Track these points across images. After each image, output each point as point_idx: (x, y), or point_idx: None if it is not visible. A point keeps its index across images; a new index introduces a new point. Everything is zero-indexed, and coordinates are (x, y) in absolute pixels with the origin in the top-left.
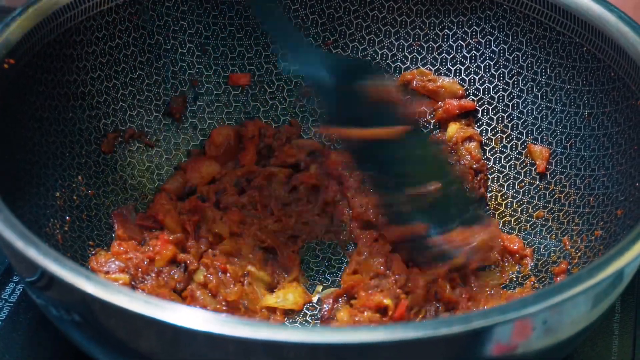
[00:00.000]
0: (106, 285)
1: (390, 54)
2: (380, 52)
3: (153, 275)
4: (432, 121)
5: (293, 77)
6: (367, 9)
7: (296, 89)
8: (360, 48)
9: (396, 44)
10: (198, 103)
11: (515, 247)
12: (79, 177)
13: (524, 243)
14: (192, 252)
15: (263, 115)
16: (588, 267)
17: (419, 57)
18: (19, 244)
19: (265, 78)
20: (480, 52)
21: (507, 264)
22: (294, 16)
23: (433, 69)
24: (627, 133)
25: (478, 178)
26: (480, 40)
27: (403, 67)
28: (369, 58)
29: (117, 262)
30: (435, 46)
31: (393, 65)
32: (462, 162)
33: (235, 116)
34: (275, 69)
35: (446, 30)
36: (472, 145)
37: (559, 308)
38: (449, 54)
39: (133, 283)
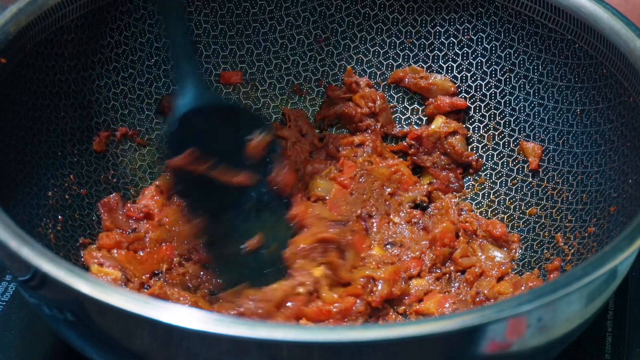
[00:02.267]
0: (100, 284)
1: (382, 52)
2: (372, 50)
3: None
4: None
5: (285, 75)
6: (359, 6)
7: (288, 87)
8: (352, 46)
9: (388, 41)
10: None
11: (497, 232)
12: (71, 176)
13: (508, 230)
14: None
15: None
16: (582, 264)
17: (411, 55)
18: (12, 244)
19: (257, 76)
20: (472, 49)
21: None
22: (286, 13)
23: (425, 66)
24: (619, 130)
25: (458, 171)
26: (472, 37)
27: (395, 64)
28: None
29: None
30: (427, 43)
31: (385, 63)
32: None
33: None
34: (267, 67)
35: (438, 28)
36: (456, 138)
37: (554, 306)
38: (440, 51)
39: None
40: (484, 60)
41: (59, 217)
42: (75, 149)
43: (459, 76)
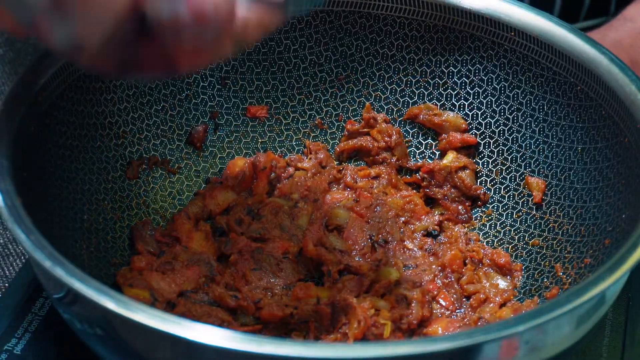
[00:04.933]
0: (125, 303)
1: (399, 89)
2: (389, 87)
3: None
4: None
5: (307, 110)
6: (378, 47)
7: (310, 120)
8: (370, 83)
9: (404, 79)
10: (218, 133)
11: (502, 261)
12: (105, 202)
13: (511, 259)
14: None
15: (278, 145)
16: (567, 292)
17: (426, 93)
18: (47, 264)
19: (281, 110)
20: (483, 88)
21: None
22: (309, 52)
23: (439, 104)
24: (616, 168)
25: (467, 204)
26: (483, 77)
27: (411, 101)
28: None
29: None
30: (440, 82)
31: (401, 100)
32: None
33: (252, 146)
34: (290, 102)
35: (451, 68)
36: (466, 173)
37: (542, 328)
38: (453, 90)
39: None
40: (493, 100)
41: (93, 238)
42: (110, 175)
43: (470, 114)
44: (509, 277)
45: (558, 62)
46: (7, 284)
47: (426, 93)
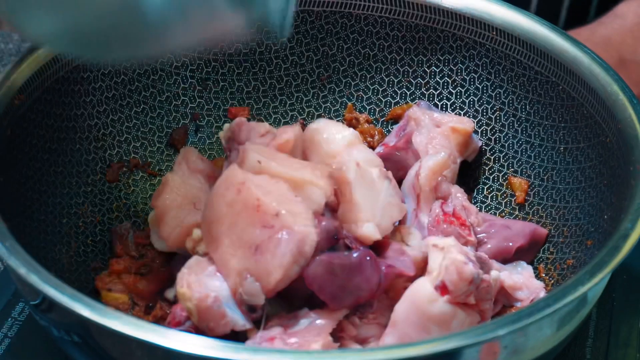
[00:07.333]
0: (101, 310)
1: (381, 89)
2: (371, 87)
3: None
4: None
5: (289, 111)
6: (359, 47)
7: (292, 121)
8: (352, 83)
9: (386, 79)
10: (199, 135)
11: None
12: (85, 205)
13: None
14: None
15: None
16: (550, 293)
17: (408, 93)
18: (22, 271)
19: (263, 111)
20: (465, 88)
21: None
22: (291, 53)
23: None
24: (598, 168)
25: None
26: (465, 77)
27: (393, 101)
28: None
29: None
30: (423, 82)
31: (384, 100)
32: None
33: None
34: (272, 103)
35: (433, 68)
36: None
37: (522, 332)
38: (435, 89)
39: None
40: (475, 100)
41: (73, 243)
42: (90, 179)
43: (452, 114)
44: None
45: (540, 61)
46: None
47: (408, 93)
